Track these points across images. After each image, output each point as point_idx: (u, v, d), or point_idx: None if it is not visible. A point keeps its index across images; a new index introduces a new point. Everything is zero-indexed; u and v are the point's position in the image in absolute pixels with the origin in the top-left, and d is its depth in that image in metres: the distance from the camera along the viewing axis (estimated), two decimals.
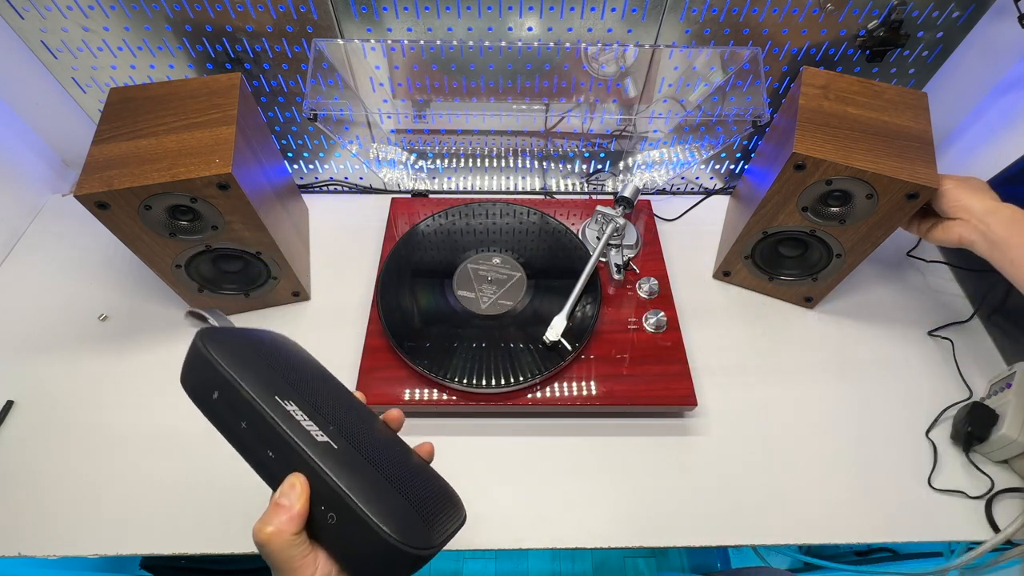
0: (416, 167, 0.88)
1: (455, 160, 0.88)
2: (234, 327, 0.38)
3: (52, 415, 0.64)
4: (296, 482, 0.30)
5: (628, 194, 0.75)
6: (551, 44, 0.70)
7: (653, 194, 0.88)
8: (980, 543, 0.56)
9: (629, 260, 0.73)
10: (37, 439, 0.62)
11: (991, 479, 0.60)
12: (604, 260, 0.72)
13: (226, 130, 0.56)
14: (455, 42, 0.70)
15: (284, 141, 0.84)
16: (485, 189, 0.89)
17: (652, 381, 0.63)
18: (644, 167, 0.87)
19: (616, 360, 0.64)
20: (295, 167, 0.88)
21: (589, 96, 0.77)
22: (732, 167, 0.89)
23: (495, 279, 0.70)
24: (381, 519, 0.29)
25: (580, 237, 0.76)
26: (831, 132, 0.58)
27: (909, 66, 0.73)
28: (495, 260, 0.71)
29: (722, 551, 1.06)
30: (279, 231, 0.66)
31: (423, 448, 0.39)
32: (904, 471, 0.61)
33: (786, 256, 0.71)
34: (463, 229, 0.75)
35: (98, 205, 0.53)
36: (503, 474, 0.61)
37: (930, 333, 0.72)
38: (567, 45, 0.70)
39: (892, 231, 0.61)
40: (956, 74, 0.74)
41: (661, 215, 0.84)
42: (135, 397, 0.65)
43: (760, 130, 0.70)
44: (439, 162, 0.88)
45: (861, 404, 0.66)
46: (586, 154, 0.87)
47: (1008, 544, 0.57)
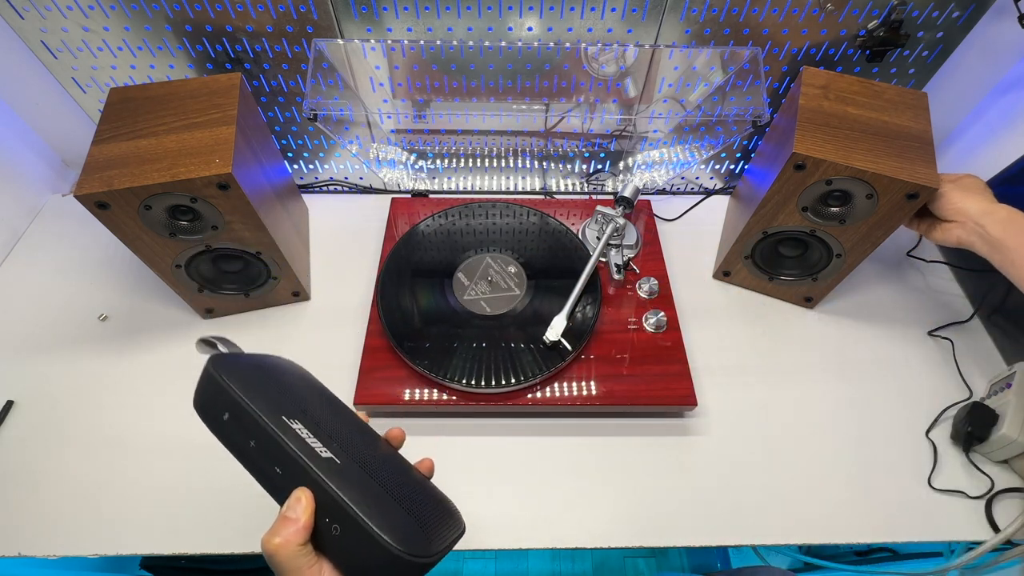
0: (416, 167, 0.88)
1: (455, 160, 0.88)
2: (243, 353, 0.40)
3: (52, 415, 0.64)
4: (302, 496, 0.32)
5: (628, 194, 0.75)
6: (551, 44, 0.70)
7: (653, 194, 0.88)
8: (980, 543, 0.56)
9: (629, 260, 0.73)
10: (37, 439, 0.62)
11: (991, 479, 0.60)
12: (604, 260, 0.72)
13: (226, 130, 0.56)
14: (455, 42, 0.70)
15: (284, 141, 0.84)
16: (485, 189, 0.89)
17: (652, 381, 0.63)
18: (644, 167, 0.87)
19: (616, 360, 0.64)
20: (295, 167, 0.88)
21: (589, 96, 0.77)
22: (732, 167, 0.89)
23: (495, 279, 0.70)
24: (382, 529, 0.30)
25: (580, 237, 0.76)
26: (831, 132, 0.58)
27: (909, 66, 0.73)
28: (495, 260, 0.71)
29: (722, 551, 1.06)
30: (279, 231, 0.66)
31: (423, 464, 0.41)
32: (904, 471, 0.61)
33: (786, 256, 0.71)
34: (463, 229, 0.75)
35: (98, 205, 0.53)
36: (503, 474, 0.61)
37: (930, 333, 0.72)
38: (567, 45, 0.70)
39: (892, 231, 0.61)
40: (956, 74, 0.74)
41: (661, 215, 0.84)
42: (135, 397, 0.65)
43: (760, 130, 0.70)
44: (439, 162, 0.88)
45: (861, 404, 0.66)
46: (586, 154, 0.87)
47: (1008, 544, 0.57)
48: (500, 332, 0.65)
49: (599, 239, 0.72)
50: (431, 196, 0.84)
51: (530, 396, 0.61)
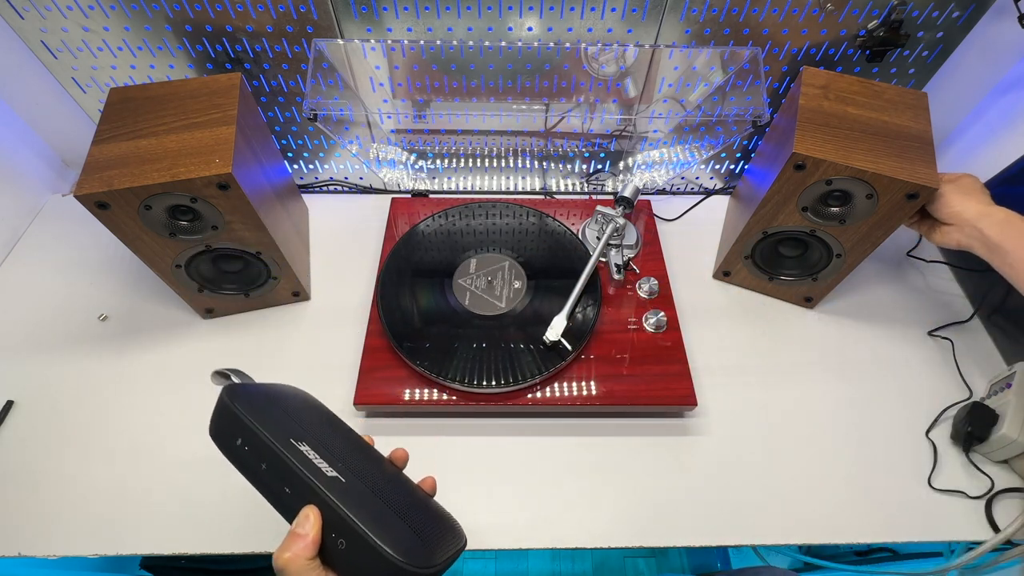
0: (416, 167, 0.88)
1: (455, 160, 0.88)
2: (255, 383, 0.43)
3: (52, 415, 0.64)
4: (310, 513, 0.34)
5: (628, 194, 0.75)
6: (551, 44, 0.70)
7: (653, 194, 0.88)
8: (980, 543, 0.56)
9: (629, 260, 0.73)
10: (37, 439, 0.62)
11: (991, 479, 0.60)
12: (604, 260, 0.72)
13: (226, 130, 0.56)
14: (455, 42, 0.70)
15: (284, 141, 0.84)
16: (485, 189, 0.89)
17: (652, 381, 0.63)
18: (644, 167, 0.87)
19: (616, 360, 0.64)
20: (295, 167, 0.88)
21: (589, 96, 0.77)
22: (732, 167, 0.89)
23: (495, 279, 0.70)
24: (385, 543, 0.32)
25: (580, 237, 0.76)
26: (831, 132, 0.58)
27: (909, 66, 0.73)
28: (495, 260, 0.71)
29: (722, 551, 1.06)
30: (279, 231, 0.66)
31: (425, 482, 0.42)
32: (904, 471, 0.61)
33: (786, 256, 0.71)
34: (463, 229, 0.75)
35: (98, 205, 0.53)
36: (503, 474, 0.61)
37: (930, 333, 0.72)
38: (567, 45, 0.70)
39: (892, 231, 0.61)
40: (956, 74, 0.74)
41: (661, 215, 0.84)
42: (135, 397, 0.65)
43: (760, 130, 0.70)
44: (439, 162, 0.88)
45: (861, 404, 0.66)
46: (586, 154, 0.87)
47: (1008, 544, 0.57)
48: (500, 332, 0.65)
49: (599, 239, 0.72)
50: (431, 196, 0.84)
51: (530, 396, 0.61)
